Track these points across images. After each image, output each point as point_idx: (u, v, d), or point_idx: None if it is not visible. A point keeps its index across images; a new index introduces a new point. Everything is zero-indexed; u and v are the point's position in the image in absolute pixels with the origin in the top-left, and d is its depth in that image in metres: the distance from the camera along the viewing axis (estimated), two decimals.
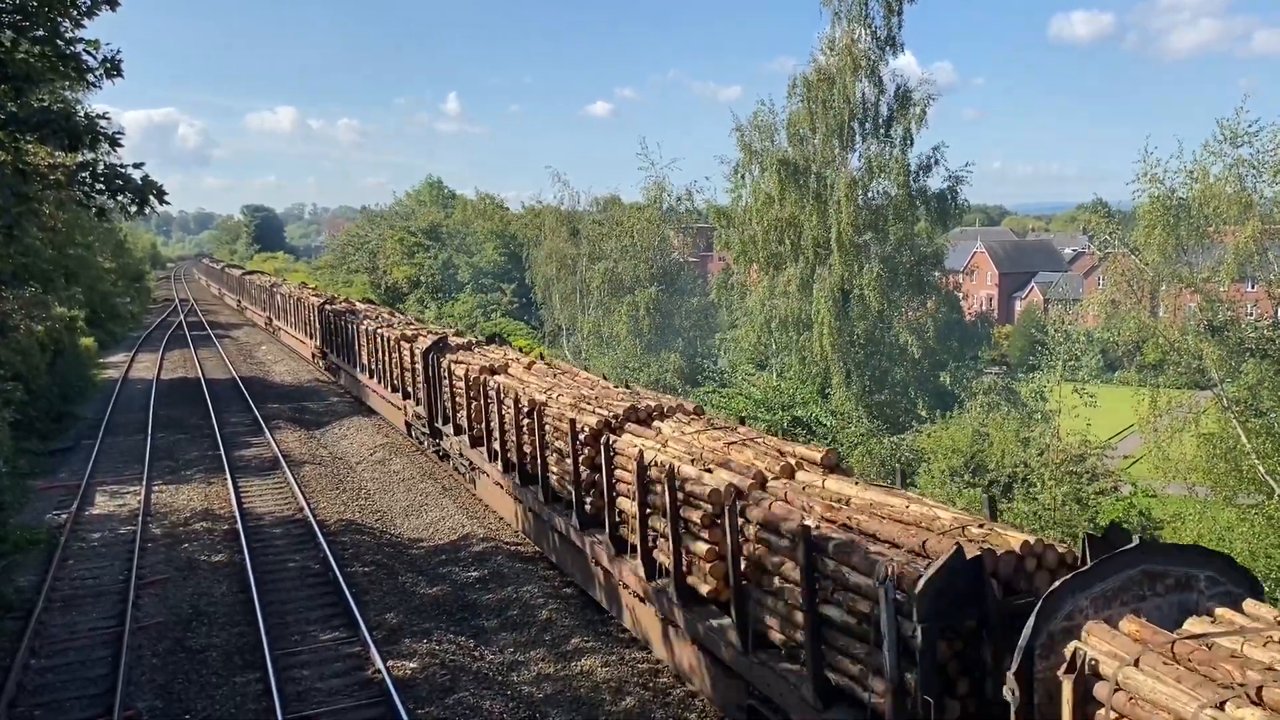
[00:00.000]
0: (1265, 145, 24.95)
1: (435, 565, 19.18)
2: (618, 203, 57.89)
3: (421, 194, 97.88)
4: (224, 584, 18.29)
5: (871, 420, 34.99)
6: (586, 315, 52.84)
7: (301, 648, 15.39)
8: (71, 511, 22.89)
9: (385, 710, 13.26)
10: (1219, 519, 26.75)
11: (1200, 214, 25.90)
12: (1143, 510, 26.92)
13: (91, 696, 13.91)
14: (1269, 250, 25.97)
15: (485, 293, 69.48)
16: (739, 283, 45.23)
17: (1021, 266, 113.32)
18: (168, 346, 57.91)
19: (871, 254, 39.72)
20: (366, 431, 31.60)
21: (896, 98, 40.04)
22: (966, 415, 34.01)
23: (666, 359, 47.08)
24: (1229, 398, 25.98)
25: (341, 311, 40.62)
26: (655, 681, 14.13)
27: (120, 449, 30.29)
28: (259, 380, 43.96)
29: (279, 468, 26.88)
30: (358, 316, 37.66)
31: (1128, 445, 39.62)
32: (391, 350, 30.22)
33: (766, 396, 34.59)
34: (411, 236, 77.48)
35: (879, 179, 40.18)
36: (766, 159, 40.88)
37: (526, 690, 13.87)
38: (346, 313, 39.67)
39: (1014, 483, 27.76)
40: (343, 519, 22.26)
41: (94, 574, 19.04)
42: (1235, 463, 26.27)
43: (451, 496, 23.88)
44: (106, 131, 16.28)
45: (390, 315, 40.01)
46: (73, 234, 35.62)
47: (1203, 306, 26.31)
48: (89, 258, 53.60)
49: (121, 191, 16.77)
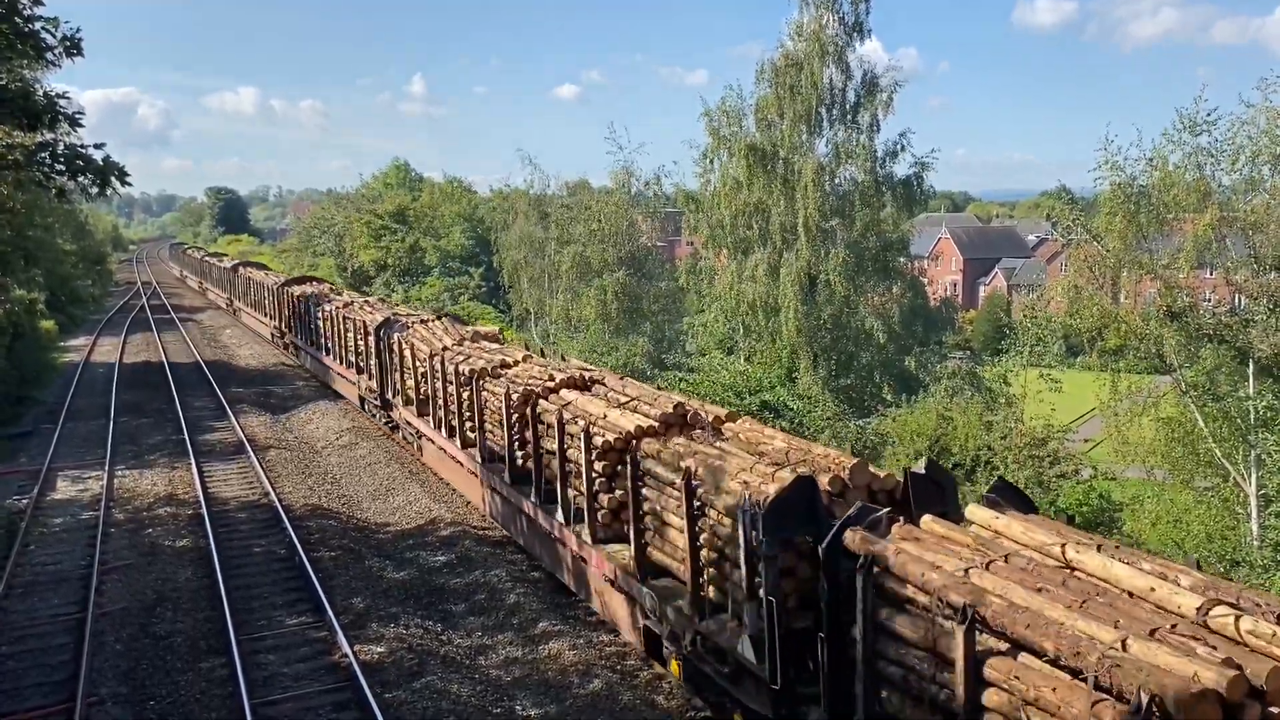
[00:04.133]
0: (1223, 134, 25.33)
1: (402, 550, 19.16)
2: (586, 187, 57.68)
3: (388, 176, 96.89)
4: (188, 569, 18.17)
5: (837, 404, 35.24)
6: (555, 299, 52.70)
7: (267, 633, 15.33)
8: (32, 497, 22.61)
9: (352, 694, 13.27)
10: (1176, 501, 27.30)
11: (1160, 202, 26.24)
12: (1102, 493, 27.39)
13: (54, 683, 13.79)
14: (1226, 238, 26.37)
15: (453, 276, 69.12)
16: (707, 268, 45.32)
17: (986, 253, 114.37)
18: (130, 330, 57.17)
19: (838, 239, 39.91)
20: (332, 416, 31.42)
21: (863, 84, 40.18)
22: (931, 399, 34.35)
23: (635, 343, 47.09)
24: (1187, 383, 26.44)
25: (298, 292, 41.89)
26: (623, 664, 14.23)
27: (82, 434, 29.92)
28: (223, 364, 43.53)
29: (244, 452, 26.69)
30: (315, 297, 38.72)
31: (1088, 429, 40.24)
32: (344, 328, 32.33)
33: (734, 381, 34.74)
34: (378, 219, 76.83)
35: (846, 165, 40.35)
36: (735, 144, 40.88)
37: (494, 674, 13.93)
38: (306, 293, 40.68)
39: (977, 466, 28.12)
40: (309, 503, 22.15)
41: (56, 559, 18.84)
42: (1193, 446, 26.78)
43: (419, 481, 23.84)
44: (66, 111, 16.11)
45: (345, 294, 41.68)
46: (32, 215, 35.05)
47: (1162, 293, 26.70)
48: (49, 240, 52.82)
49: (82, 172, 16.59)
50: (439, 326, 25.33)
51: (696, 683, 12.26)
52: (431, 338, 23.87)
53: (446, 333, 24.14)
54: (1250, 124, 24.81)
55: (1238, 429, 25.67)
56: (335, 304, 35.19)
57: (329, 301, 36.37)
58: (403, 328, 26.30)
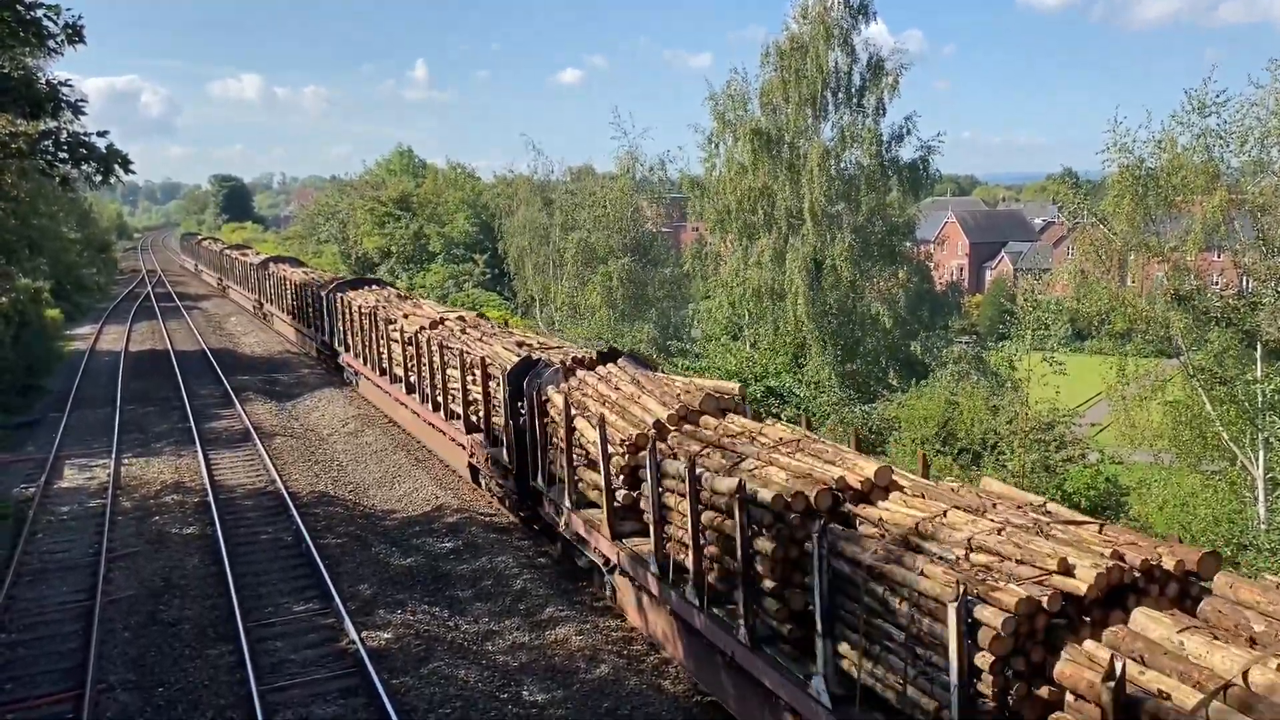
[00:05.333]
0: (1232, 116, 25.14)
1: (409, 536, 19.19)
2: (591, 172, 57.54)
3: (391, 163, 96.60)
4: (196, 556, 18.21)
5: (843, 389, 35.19)
6: (560, 286, 52.63)
7: (275, 619, 15.38)
8: (40, 485, 22.67)
9: (360, 680, 13.30)
10: (1183, 485, 27.22)
11: (1168, 184, 26.07)
12: (1109, 477, 27.35)
13: (63, 670, 13.84)
14: (1235, 220, 26.22)
15: (457, 263, 69.02)
16: (712, 253, 45.20)
17: (992, 236, 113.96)
18: (135, 318, 57.24)
19: (844, 224, 39.77)
20: (338, 403, 31.44)
21: (869, 67, 39.94)
22: (937, 384, 34.28)
23: (640, 329, 47.05)
24: (1194, 366, 26.33)
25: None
26: (629, 649, 14.25)
27: (88, 422, 29.98)
28: (228, 352, 43.57)
29: (250, 440, 26.72)
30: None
31: (1095, 413, 40.12)
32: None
33: (740, 367, 34.70)
34: (382, 206, 76.70)
35: (851, 149, 40.17)
36: (740, 128, 40.71)
37: (501, 660, 13.95)
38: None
39: (984, 451, 28.09)
40: (315, 491, 22.19)
41: (64, 547, 18.90)
42: (1200, 430, 26.70)
43: (425, 468, 23.85)
44: (69, 99, 16.07)
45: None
46: (36, 204, 35.06)
47: (1170, 276, 26.57)
48: (53, 228, 52.88)
49: (86, 160, 16.58)
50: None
51: (488, 487, 21.07)
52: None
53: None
54: (1259, 105, 24.63)
55: (1245, 412, 25.58)
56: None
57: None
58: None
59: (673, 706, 12.67)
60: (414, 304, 31.09)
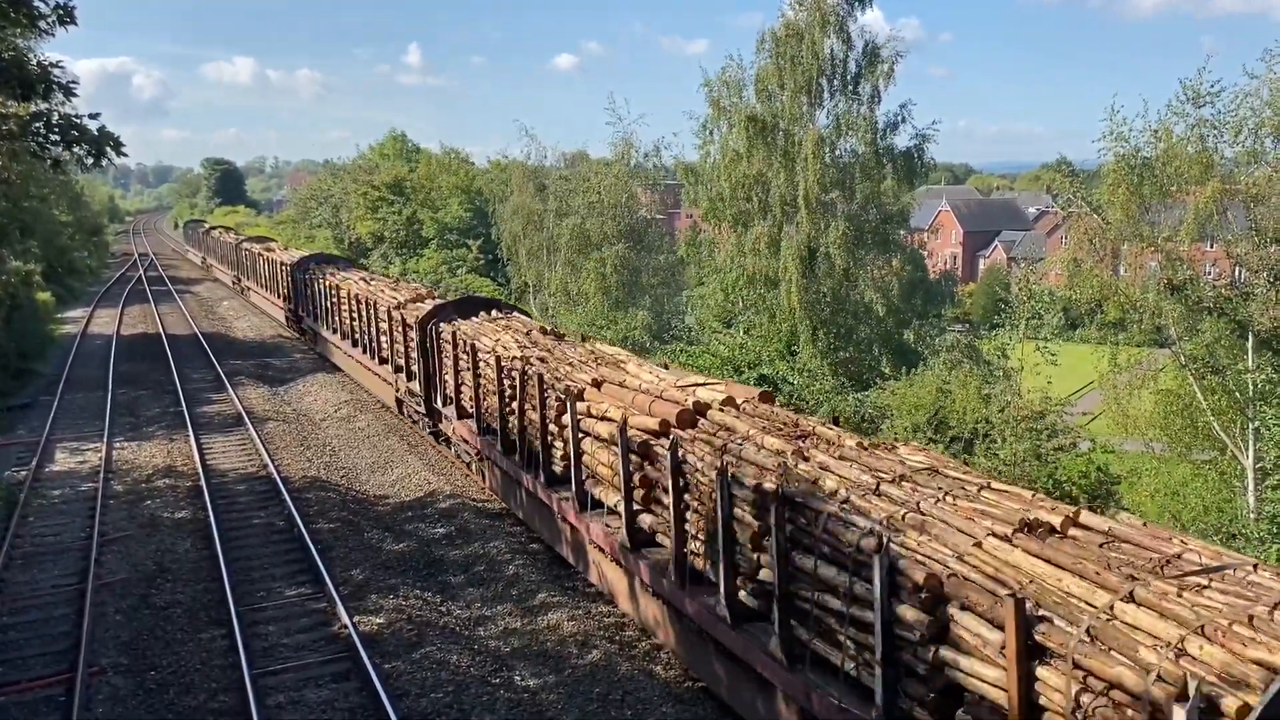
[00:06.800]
0: (1226, 106, 25.15)
1: (401, 522, 19.20)
2: (585, 158, 57.27)
3: (385, 148, 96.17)
4: (188, 541, 18.21)
5: (836, 377, 35.20)
6: (554, 272, 52.49)
7: (267, 604, 15.40)
8: (31, 468, 22.63)
9: (351, 665, 13.33)
10: (1174, 474, 27.34)
11: (1163, 174, 26.07)
12: (1101, 466, 27.42)
13: (56, 654, 13.85)
14: (1228, 210, 26.24)
15: (451, 249, 68.80)
16: (707, 240, 45.08)
17: (986, 225, 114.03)
18: (127, 302, 57.03)
19: (838, 212, 39.67)
20: (331, 388, 31.41)
21: (865, 54, 39.74)
22: (929, 372, 34.30)
23: (634, 316, 46.99)
24: (1186, 355, 26.40)
25: (248, 248, 55.30)
26: (621, 635, 14.29)
27: (80, 405, 29.91)
28: (221, 336, 43.48)
29: (242, 424, 26.69)
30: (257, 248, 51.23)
31: (1087, 402, 40.26)
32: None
33: (733, 354, 34.68)
34: (375, 191, 76.40)
35: (846, 137, 40.00)
36: (734, 115, 40.53)
37: (493, 644, 13.98)
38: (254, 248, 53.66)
39: (975, 439, 28.11)
40: (307, 475, 22.19)
41: (55, 531, 18.89)
42: (1191, 419, 26.79)
43: (418, 454, 23.86)
44: (60, 81, 15.94)
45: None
46: (27, 186, 34.80)
47: (1163, 265, 26.60)
48: (45, 211, 52.54)
49: (77, 143, 16.45)
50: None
51: (410, 415, 25.69)
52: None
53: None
54: (1254, 95, 24.63)
55: (1236, 402, 25.67)
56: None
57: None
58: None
59: (664, 692, 12.71)
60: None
